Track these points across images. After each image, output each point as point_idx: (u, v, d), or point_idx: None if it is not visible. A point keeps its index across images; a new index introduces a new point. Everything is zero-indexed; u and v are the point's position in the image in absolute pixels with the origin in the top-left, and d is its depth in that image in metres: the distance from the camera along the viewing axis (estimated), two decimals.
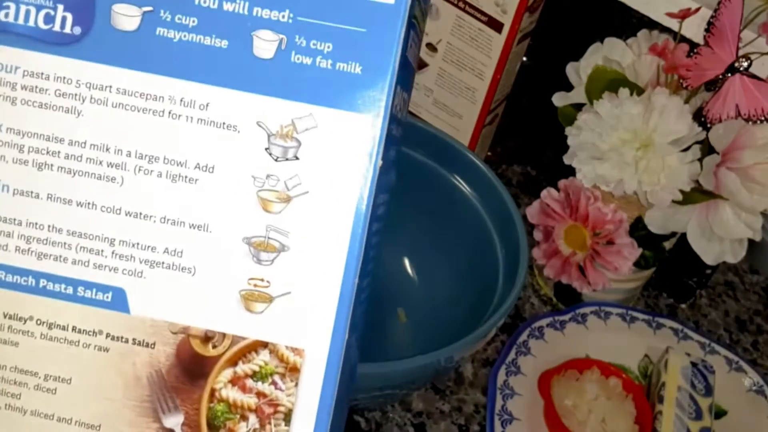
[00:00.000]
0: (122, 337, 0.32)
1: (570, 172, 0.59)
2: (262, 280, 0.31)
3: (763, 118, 0.51)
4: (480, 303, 0.53)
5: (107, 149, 0.31)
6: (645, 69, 0.57)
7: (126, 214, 0.31)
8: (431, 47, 0.67)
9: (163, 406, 0.32)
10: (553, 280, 0.65)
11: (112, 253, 0.31)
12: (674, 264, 0.68)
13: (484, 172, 0.57)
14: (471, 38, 0.64)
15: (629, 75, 0.57)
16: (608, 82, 0.56)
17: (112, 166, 0.31)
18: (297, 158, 0.30)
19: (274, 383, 0.31)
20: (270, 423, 0.31)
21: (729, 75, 0.52)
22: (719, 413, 0.58)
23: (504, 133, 0.76)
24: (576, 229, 0.60)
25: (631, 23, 0.77)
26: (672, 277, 0.69)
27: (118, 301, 0.31)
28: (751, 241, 0.55)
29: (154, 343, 0.31)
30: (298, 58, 0.29)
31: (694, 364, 0.57)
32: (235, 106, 0.30)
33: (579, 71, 0.60)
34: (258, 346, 0.31)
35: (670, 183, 0.53)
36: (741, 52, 0.52)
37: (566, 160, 0.58)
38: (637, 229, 0.58)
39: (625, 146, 0.54)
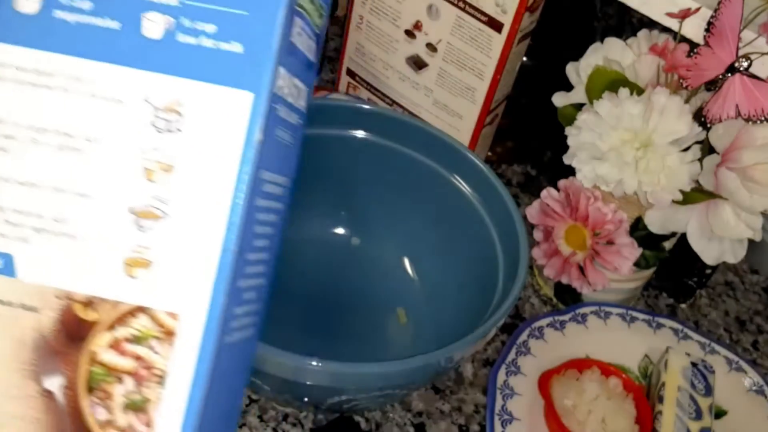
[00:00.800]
0: (8, 301, 0.33)
1: (570, 172, 0.59)
2: (144, 246, 0.32)
3: (763, 118, 0.51)
4: (480, 303, 0.53)
5: (1, 122, 0.33)
6: (645, 69, 0.57)
7: (16, 183, 0.32)
8: (431, 47, 0.67)
9: (46, 368, 0.33)
10: (553, 280, 0.65)
11: (2, 219, 0.32)
12: (674, 264, 0.68)
13: (484, 172, 0.57)
14: (471, 38, 0.64)
15: (629, 75, 0.57)
16: (608, 82, 0.56)
17: (4, 138, 0.33)
18: (180, 131, 0.32)
19: (151, 347, 0.32)
20: (145, 385, 0.32)
21: (729, 75, 0.52)
22: (719, 413, 0.58)
23: (504, 133, 0.76)
24: (576, 229, 0.60)
25: (631, 23, 0.77)
26: (672, 277, 0.69)
27: (6, 265, 0.33)
28: (751, 241, 0.55)
29: (39, 308, 0.32)
30: (183, 38, 0.32)
31: (694, 364, 0.57)
32: (123, 82, 0.32)
33: (579, 71, 0.60)
34: (137, 311, 0.32)
35: (670, 183, 0.53)
36: (741, 52, 0.52)
37: (566, 160, 0.58)
38: (637, 229, 0.58)
39: (625, 146, 0.54)
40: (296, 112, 0.36)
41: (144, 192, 0.32)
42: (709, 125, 0.54)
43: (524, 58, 0.68)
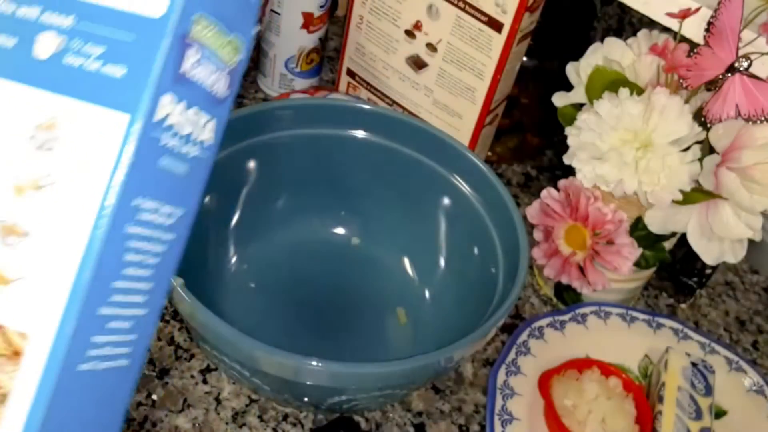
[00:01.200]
0: None
1: (570, 172, 0.59)
2: (6, 264, 0.32)
3: (763, 118, 0.51)
4: (480, 303, 0.53)
5: None
6: (645, 69, 0.57)
7: None
8: (431, 47, 0.67)
9: None
10: (553, 280, 0.65)
11: None
12: (674, 264, 0.68)
13: (484, 172, 0.57)
14: (471, 38, 0.64)
15: (629, 75, 0.57)
16: (608, 82, 0.56)
17: None
18: (53, 149, 0.32)
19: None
20: None
21: (729, 75, 0.52)
22: (719, 413, 0.58)
23: (504, 133, 0.76)
24: (576, 229, 0.60)
25: (631, 23, 0.77)
26: (672, 277, 0.69)
27: None
28: (751, 241, 0.55)
29: None
30: (71, 58, 0.32)
31: (694, 364, 0.57)
32: (4, 95, 0.32)
33: (579, 71, 0.60)
34: None
35: (670, 183, 0.53)
36: (741, 52, 0.52)
37: (566, 160, 0.58)
38: (637, 229, 0.58)
39: (625, 146, 0.54)
40: (196, 144, 0.36)
41: (11, 208, 0.32)
42: (709, 125, 0.54)
43: (524, 58, 0.68)
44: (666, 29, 0.61)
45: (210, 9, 0.34)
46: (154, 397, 0.52)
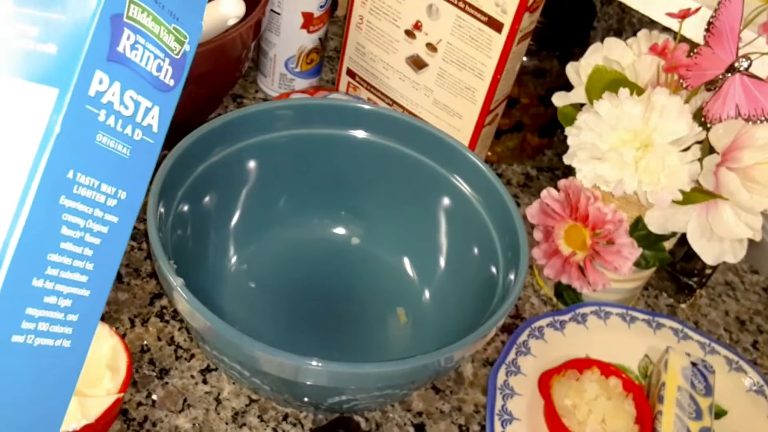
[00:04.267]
0: None
1: (570, 172, 0.59)
2: None
3: (763, 118, 0.51)
4: (480, 303, 0.53)
5: None
6: (645, 69, 0.57)
7: None
8: (431, 47, 0.67)
9: None
10: (553, 280, 0.65)
11: None
12: (674, 264, 0.68)
13: (484, 172, 0.57)
14: (471, 38, 0.64)
15: (629, 75, 0.57)
16: (608, 82, 0.56)
17: None
18: None
19: None
20: None
21: (729, 75, 0.52)
22: (719, 413, 0.58)
23: (504, 133, 0.76)
24: (576, 229, 0.60)
25: (631, 23, 0.77)
26: (672, 277, 0.69)
27: None
28: (751, 241, 0.55)
29: None
30: (7, 39, 0.34)
31: (694, 364, 0.57)
32: None
33: (579, 71, 0.60)
34: None
35: (670, 183, 0.53)
36: (741, 52, 0.52)
37: (566, 160, 0.58)
38: (637, 229, 0.58)
39: (625, 146, 0.54)
40: (138, 127, 0.37)
41: None
42: (709, 125, 0.54)
43: (524, 58, 0.68)
44: (666, 29, 0.61)
45: None
46: (154, 397, 0.52)
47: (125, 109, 0.36)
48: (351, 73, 0.76)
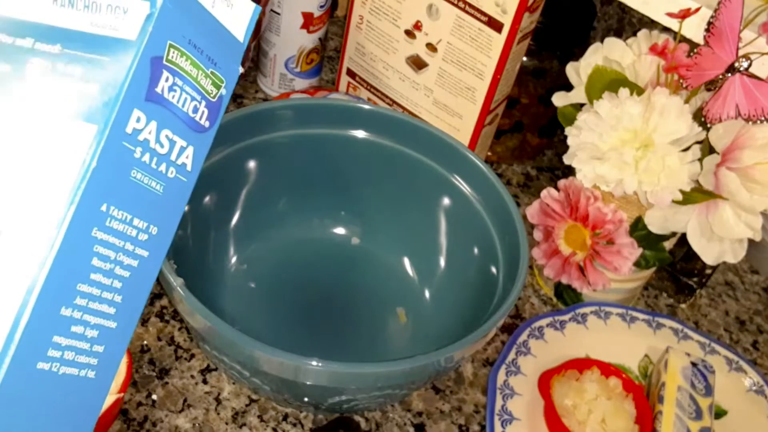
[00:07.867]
0: None
1: (570, 172, 0.59)
2: None
3: (763, 118, 0.51)
4: (480, 303, 0.53)
5: None
6: (645, 69, 0.57)
7: None
8: (431, 47, 0.67)
9: None
10: (553, 280, 0.65)
11: None
12: (674, 264, 0.68)
13: (484, 172, 0.57)
14: (471, 38, 0.64)
15: (629, 75, 0.57)
16: (608, 82, 0.56)
17: None
18: (28, 157, 0.34)
19: None
20: None
21: (729, 75, 0.52)
22: (719, 413, 0.58)
23: (504, 133, 0.76)
24: (576, 229, 0.60)
25: (631, 23, 0.77)
26: (672, 277, 0.69)
27: None
28: (751, 241, 0.55)
29: None
30: (54, 78, 0.35)
31: (694, 364, 0.57)
32: None
33: (579, 71, 0.60)
34: None
35: (670, 183, 0.53)
36: (741, 52, 0.52)
37: (566, 160, 0.58)
38: (637, 229, 0.58)
39: (625, 146, 0.54)
40: (173, 165, 0.38)
41: None
42: (709, 125, 0.54)
43: (524, 58, 0.68)
44: (666, 29, 0.61)
45: (190, 39, 0.37)
46: (154, 397, 0.52)
47: (161, 147, 0.37)
48: (351, 73, 0.76)
